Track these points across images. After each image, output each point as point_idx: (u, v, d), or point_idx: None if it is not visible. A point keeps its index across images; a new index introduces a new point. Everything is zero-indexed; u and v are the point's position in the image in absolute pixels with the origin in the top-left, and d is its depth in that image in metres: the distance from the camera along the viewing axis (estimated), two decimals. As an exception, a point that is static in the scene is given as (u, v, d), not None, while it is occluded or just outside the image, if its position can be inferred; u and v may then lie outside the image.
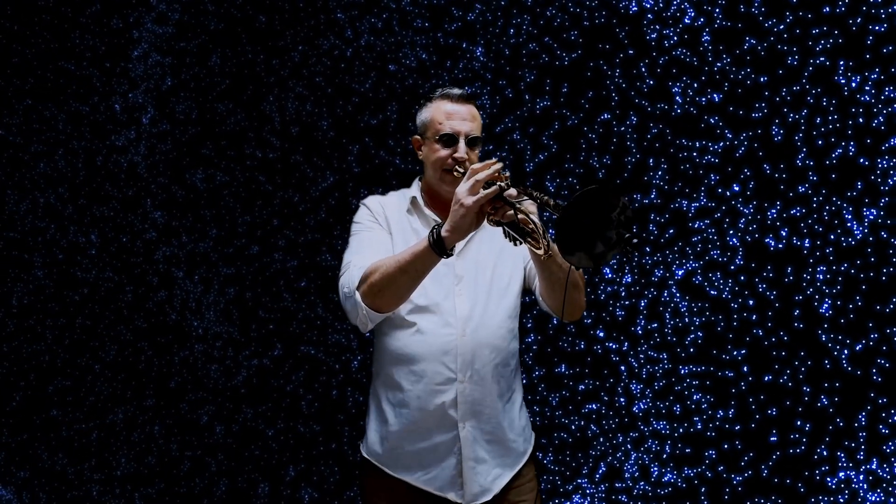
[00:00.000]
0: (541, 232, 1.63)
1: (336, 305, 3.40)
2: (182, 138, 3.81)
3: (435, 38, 3.39)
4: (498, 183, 1.65)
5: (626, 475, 3.08)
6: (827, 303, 2.78)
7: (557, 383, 3.19)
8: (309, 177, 3.64)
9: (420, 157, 1.99)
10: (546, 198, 1.59)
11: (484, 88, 3.31)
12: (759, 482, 2.86)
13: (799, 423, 2.82)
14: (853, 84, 2.73)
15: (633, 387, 3.07)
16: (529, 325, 3.24)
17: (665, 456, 3.02)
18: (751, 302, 2.90)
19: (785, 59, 2.83)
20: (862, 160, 2.72)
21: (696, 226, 2.99)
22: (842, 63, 2.75)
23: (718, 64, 2.92)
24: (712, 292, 2.96)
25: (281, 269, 3.68)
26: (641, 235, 3.06)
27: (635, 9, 3.04)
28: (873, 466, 2.72)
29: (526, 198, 1.67)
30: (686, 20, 2.97)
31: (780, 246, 2.86)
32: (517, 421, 1.97)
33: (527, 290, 2.02)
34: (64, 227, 3.88)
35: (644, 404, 3.06)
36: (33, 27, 3.89)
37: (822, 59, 2.77)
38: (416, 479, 1.89)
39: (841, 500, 2.75)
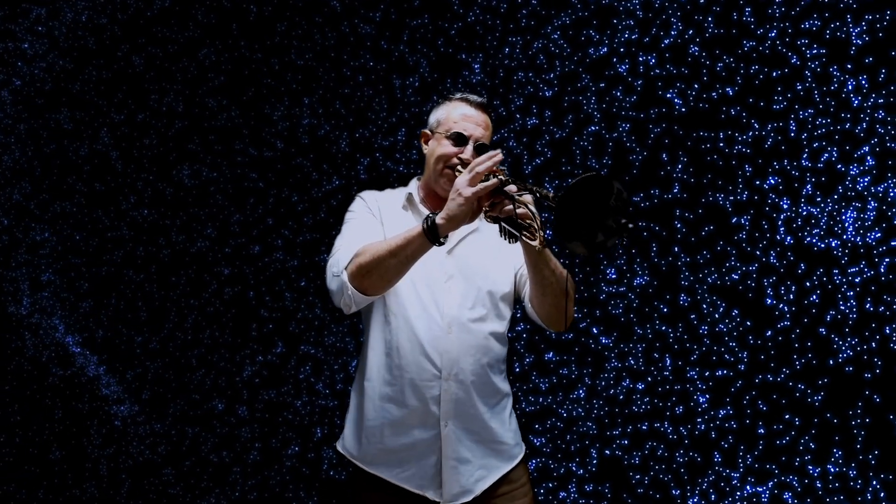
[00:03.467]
0: (538, 226, 1.61)
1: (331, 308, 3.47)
2: (169, 133, 3.88)
3: (436, 49, 3.46)
4: (498, 176, 1.65)
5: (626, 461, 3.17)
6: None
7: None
8: (313, 179, 3.69)
9: (424, 152, 1.97)
10: (545, 191, 1.57)
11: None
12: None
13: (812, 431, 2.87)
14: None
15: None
16: (520, 316, 3.25)
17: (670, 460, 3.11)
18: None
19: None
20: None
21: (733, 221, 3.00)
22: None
23: (728, 59, 3.01)
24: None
25: (281, 270, 3.73)
26: (638, 222, 3.07)
27: (604, 50, 3.19)
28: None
29: (525, 192, 1.65)
30: (667, 41, 3.08)
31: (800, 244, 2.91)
32: (507, 423, 1.93)
33: (516, 299, 1.99)
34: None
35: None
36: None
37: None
38: (393, 476, 1.85)
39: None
